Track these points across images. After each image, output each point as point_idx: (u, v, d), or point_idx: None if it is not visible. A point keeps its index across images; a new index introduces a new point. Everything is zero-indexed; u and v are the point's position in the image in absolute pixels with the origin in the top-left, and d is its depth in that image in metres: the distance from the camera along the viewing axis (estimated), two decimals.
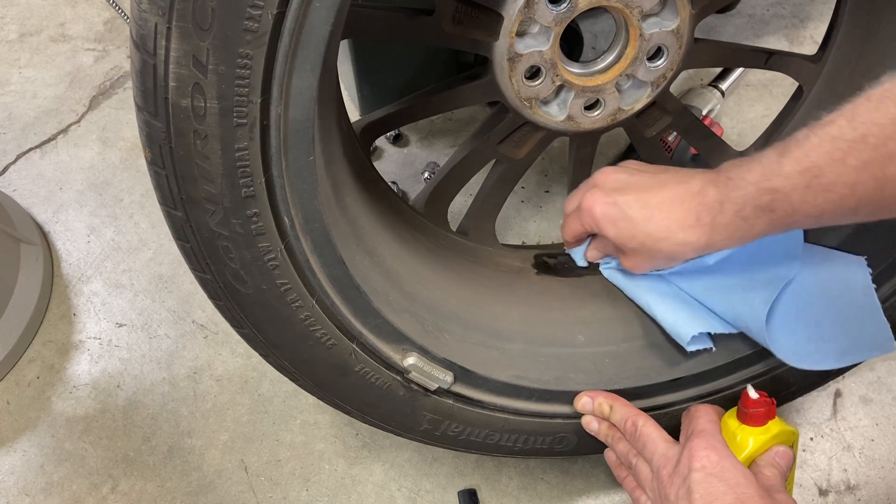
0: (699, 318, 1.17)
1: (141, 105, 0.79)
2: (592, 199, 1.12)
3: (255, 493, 1.43)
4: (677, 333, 1.17)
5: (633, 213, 1.07)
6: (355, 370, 1.08)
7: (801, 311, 1.13)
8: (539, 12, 1.03)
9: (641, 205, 1.07)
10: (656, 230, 1.05)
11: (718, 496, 0.96)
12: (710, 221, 0.98)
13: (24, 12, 2.31)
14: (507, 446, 1.22)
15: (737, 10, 2.14)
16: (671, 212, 1.03)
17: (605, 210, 1.10)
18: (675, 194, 1.03)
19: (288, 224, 0.90)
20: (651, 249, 1.07)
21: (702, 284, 1.17)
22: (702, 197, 0.99)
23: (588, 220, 1.14)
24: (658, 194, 1.06)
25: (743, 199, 0.93)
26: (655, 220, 1.05)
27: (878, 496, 1.39)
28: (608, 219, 1.10)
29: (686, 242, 1.02)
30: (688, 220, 1.01)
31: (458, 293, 1.25)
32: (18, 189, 1.88)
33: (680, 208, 1.02)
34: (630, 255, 1.13)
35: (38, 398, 1.56)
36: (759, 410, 1.07)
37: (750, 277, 1.13)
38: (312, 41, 0.78)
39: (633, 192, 1.09)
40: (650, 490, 1.09)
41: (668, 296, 1.19)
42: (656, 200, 1.05)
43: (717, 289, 1.16)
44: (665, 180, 1.08)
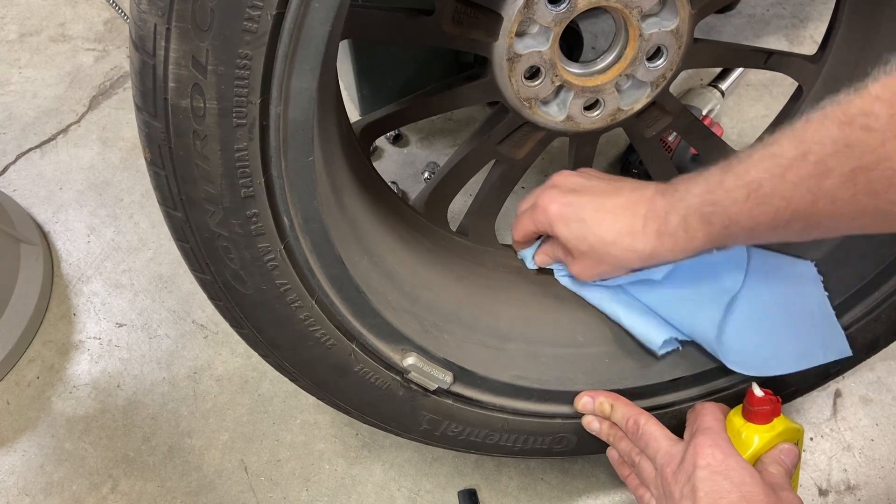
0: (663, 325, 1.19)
1: (140, 105, 0.79)
2: (548, 198, 1.15)
3: (255, 493, 1.43)
4: (647, 339, 1.20)
5: (586, 215, 1.10)
6: (355, 370, 1.08)
7: (754, 320, 1.15)
8: (538, 12, 1.03)
9: (595, 207, 1.09)
10: (606, 234, 1.07)
11: (723, 494, 0.96)
12: (656, 230, 1.01)
13: (24, 12, 2.31)
14: (507, 446, 1.22)
15: (737, 10, 2.14)
16: (622, 217, 1.06)
17: (560, 209, 1.12)
18: (628, 200, 1.07)
19: (287, 224, 0.90)
20: (600, 253, 1.09)
21: (653, 296, 1.19)
22: (650, 204, 1.03)
23: (542, 218, 1.15)
24: (611, 199, 1.09)
25: (686, 210, 0.97)
26: (606, 224, 1.07)
27: (878, 496, 1.39)
28: (562, 218, 1.12)
29: (632, 249, 1.05)
30: (635, 227, 1.04)
31: (458, 293, 1.25)
32: (18, 189, 1.88)
33: (630, 214, 1.05)
34: (578, 259, 1.15)
35: (38, 398, 1.56)
36: (764, 408, 1.07)
37: (696, 291, 1.16)
38: (312, 42, 0.78)
39: (589, 194, 1.12)
40: (654, 488, 1.09)
41: (628, 304, 1.21)
42: (610, 205, 1.08)
43: (667, 301, 1.18)
44: (620, 187, 1.11)
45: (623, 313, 1.21)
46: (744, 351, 1.15)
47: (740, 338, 1.15)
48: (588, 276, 1.17)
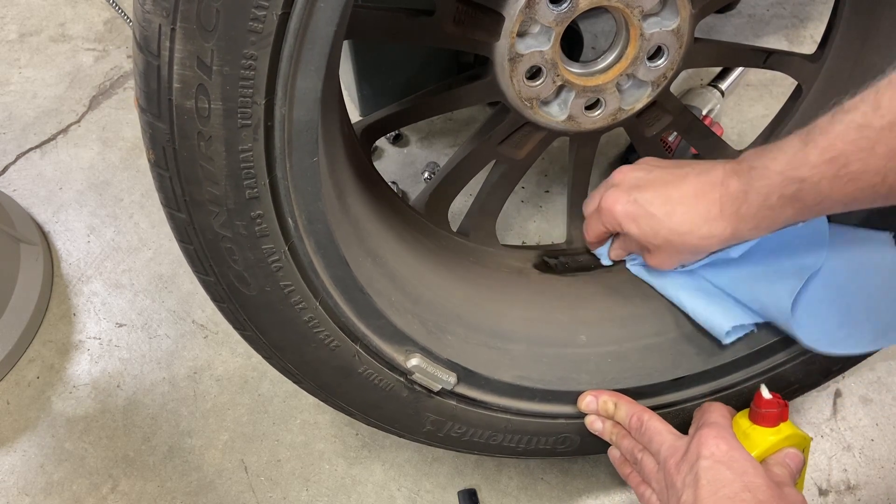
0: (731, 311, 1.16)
1: (144, 107, 0.79)
2: (612, 199, 1.12)
3: (255, 493, 1.43)
4: (712, 327, 1.17)
5: (654, 210, 1.07)
6: (359, 372, 1.08)
7: (830, 297, 1.11)
8: (540, 12, 1.03)
9: (663, 201, 1.07)
10: (679, 225, 1.04)
11: (725, 483, 0.95)
12: (735, 212, 0.98)
13: (24, 12, 2.31)
14: (510, 447, 1.22)
15: (737, 10, 2.15)
16: (693, 205, 1.03)
17: (626, 209, 1.10)
18: (697, 187, 1.03)
19: (292, 225, 0.90)
20: (676, 244, 1.07)
21: (727, 276, 1.15)
22: (724, 188, 0.99)
23: (609, 219, 1.14)
24: (678, 188, 1.05)
25: (768, 189, 0.92)
26: (678, 215, 1.04)
27: (878, 496, 1.40)
28: (630, 217, 1.10)
29: (711, 235, 1.02)
30: (711, 213, 1.01)
31: (460, 294, 1.25)
32: (18, 189, 1.88)
33: (702, 201, 1.02)
34: (655, 253, 1.13)
35: (38, 398, 1.56)
36: (771, 411, 1.07)
37: (776, 268, 1.11)
38: (317, 42, 0.78)
39: (653, 188, 1.09)
40: (655, 482, 1.09)
41: (698, 290, 1.18)
42: (677, 195, 1.05)
43: (742, 279, 1.14)
44: (685, 174, 1.07)
45: (690, 300, 1.19)
46: (819, 328, 1.11)
47: (817, 315, 1.11)
48: (668, 266, 1.15)
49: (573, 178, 1.38)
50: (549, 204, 1.80)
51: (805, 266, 1.10)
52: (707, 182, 1.02)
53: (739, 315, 1.16)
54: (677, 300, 1.21)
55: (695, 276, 1.18)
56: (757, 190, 0.94)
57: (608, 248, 1.26)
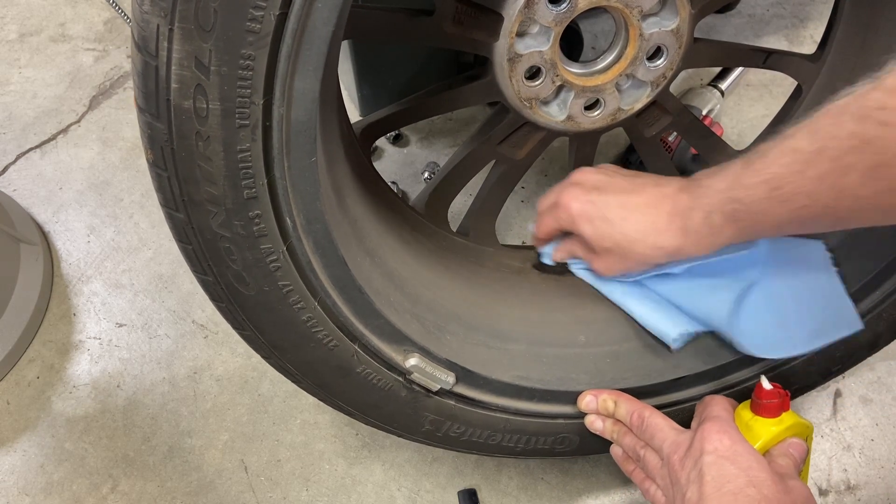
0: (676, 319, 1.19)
1: (143, 106, 0.79)
2: (571, 196, 1.14)
3: (255, 493, 1.43)
4: (661, 333, 1.19)
5: (610, 214, 1.09)
6: (357, 371, 1.08)
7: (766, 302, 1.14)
8: (539, 12, 1.03)
9: (619, 205, 1.09)
10: (631, 231, 1.07)
11: (730, 478, 0.95)
12: (682, 226, 1.01)
13: (24, 12, 2.31)
14: (509, 447, 1.22)
15: (737, 10, 2.15)
16: (646, 214, 1.05)
17: (582, 207, 1.12)
18: (651, 198, 1.06)
19: (290, 225, 0.90)
20: (625, 250, 1.09)
21: (669, 287, 1.18)
22: (674, 202, 1.02)
23: (564, 216, 1.15)
24: (635, 197, 1.08)
25: (710, 207, 0.96)
26: (631, 222, 1.07)
27: (878, 496, 1.40)
28: (585, 216, 1.12)
29: (658, 246, 1.04)
30: (660, 224, 1.03)
31: (460, 294, 1.25)
32: (18, 189, 1.88)
33: (654, 211, 1.04)
34: (602, 257, 1.15)
35: (38, 398, 1.56)
36: (772, 401, 1.07)
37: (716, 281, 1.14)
38: (315, 42, 0.78)
39: (612, 192, 1.11)
40: (660, 478, 1.08)
41: (642, 297, 1.21)
42: (633, 203, 1.08)
43: (683, 291, 1.17)
44: (642, 184, 1.10)
45: (637, 307, 1.21)
46: (758, 334, 1.14)
47: (754, 321, 1.13)
48: (613, 273, 1.16)
49: None
50: None
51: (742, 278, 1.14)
52: (661, 194, 1.05)
53: (684, 322, 1.19)
54: (624, 306, 1.23)
55: (635, 284, 1.20)
56: (701, 207, 0.97)
57: (553, 249, 1.27)
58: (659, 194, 1.05)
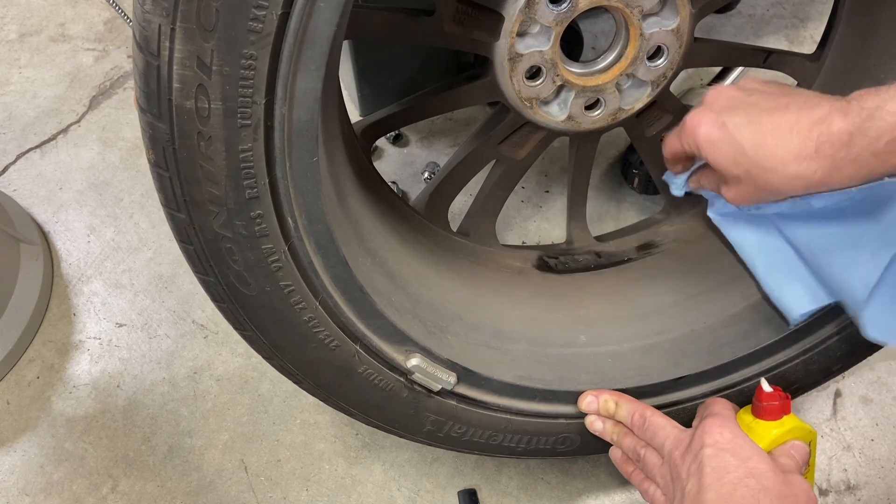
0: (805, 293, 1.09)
1: (144, 107, 0.79)
2: (698, 119, 1.00)
3: (255, 493, 1.43)
4: (784, 306, 1.12)
5: (741, 137, 0.95)
6: (359, 372, 1.08)
7: None
8: (540, 12, 1.03)
9: (753, 129, 0.94)
10: (766, 159, 0.93)
11: (730, 469, 0.95)
12: (832, 155, 0.87)
13: (24, 12, 2.31)
14: (510, 447, 1.22)
15: (737, 10, 2.15)
16: (787, 139, 0.91)
17: (709, 131, 0.98)
18: (795, 120, 0.91)
19: (292, 225, 0.90)
20: (757, 180, 0.95)
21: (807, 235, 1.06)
22: (826, 126, 0.88)
23: (689, 140, 1.02)
24: (774, 118, 0.93)
25: (878, 132, 0.83)
26: (767, 148, 0.92)
27: (878, 496, 1.40)
28: (710, 141, 0.98)
29: (799, 176, 0.91)
30: (804, 151, 0.89)
31: (460, 294, 1.25)
32: (18, 189, 1.88)
33: (798, 136, 0.90)
34: (732, 185, 1.01)
35: (38, 398, 1.56)
36: (773, 404, 1.06)
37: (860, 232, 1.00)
38: (317, 41, 0.78)
39: (746, 112, 0.96)
40: (660, 477, 1.08)
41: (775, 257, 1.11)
42: (771, 125, 0.93)
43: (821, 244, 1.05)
44: (786, 103, 0.94)
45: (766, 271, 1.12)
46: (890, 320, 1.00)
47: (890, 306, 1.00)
48: (744, 202, 1.02)
49: (573, 178, 1.38)
50: (549, 204, 1.81)
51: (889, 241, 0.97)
52: (808, 117, 0.90)
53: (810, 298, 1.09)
54: (753, 265, 1.14)
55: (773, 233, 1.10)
56: (864, 131, 0.84)
57: (685, 179, 1.17)
58: (806, 117, 0.90)
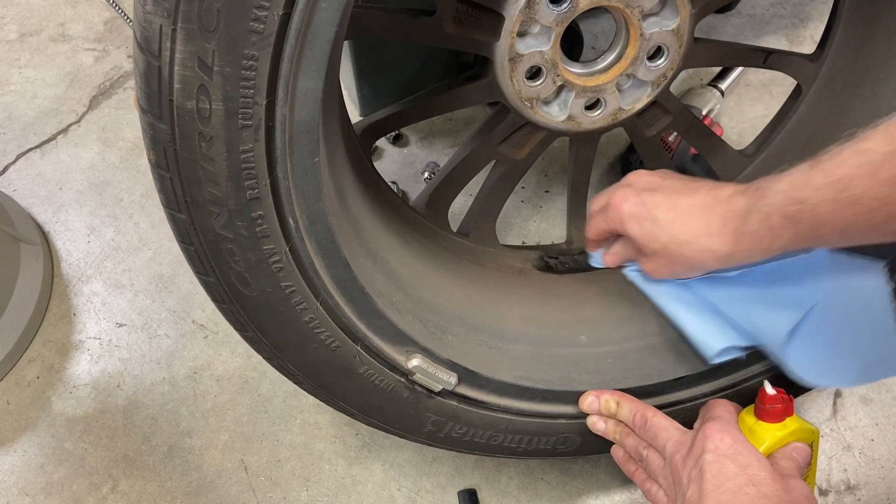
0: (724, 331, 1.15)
1: (145, 107, 0.79)
2: (622, 197, 1.11)
3: (255, 493, 1.43)
4: (703, 343, 1.16)
5: (659, 214, 1.06)
6: (359, 372, 1.08)
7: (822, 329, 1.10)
8: (540, 12, 1.04)
9: (669, 207, 1.05)
10: (680, 234, 1.03)
11: (730, 476, 0.95)
12: (735, 230, 0.97)
13: (24, 12, 2.31)
14: (511, 447, 1.22)
15: (737, 10, 2.15)
16: (698, 217, 1.02)
17: (632, 209, 1.09)
18: (704, 200, 1.02)
19: (293, 226, 0.90)
20: (673, 253, 1.05)
21: (723, 293, 1.13)
22: (730, 204, 0.98)
23: (614, 217, 1.12)
24: (687, 199, 1.05)
25: (770, 208, 0.91)
26: (681, 224, 1.04)
27: (878, 496, 1.40)
28: (634, 217, 1.09)
29: (709, 249, 1.01)
30: (712, 227, 1.00)
31: (461, 294, 1.25)
32: (18, 189, 1.88)
33: (707, 214, 1.01)
34: (651, 258, 1.11)
35: (38, 398, 1.56)
36: (776, 406, 1.06)
37: (773, 293, 1.10)
38: (318, 42, 0.78)
39: (664, 193, 1.08)
40: (662, 478, 1.09)
41: (692, 304, 1.17)
42: (685, 204, 1.04)
43: (738, 300, 1.13)
44: (696, 187, 1.06)
45: (684, 314, 1.18)
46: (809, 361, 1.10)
47: (808, 348, 1.10)
48: (661, 275, 1.13)
49: (573, 178, 1.38)
50: (549, 204, 1.81)
51: (803, 297, 1.09)
52: (715, 197, 1.01)
53: (732, 336, 1.15)
54: (670, 312, 1.20)
55: (689, 288, 1.17)
56: (759, 209, 0.93)
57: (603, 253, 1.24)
58: (713, 197, 1.02)
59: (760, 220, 0.93)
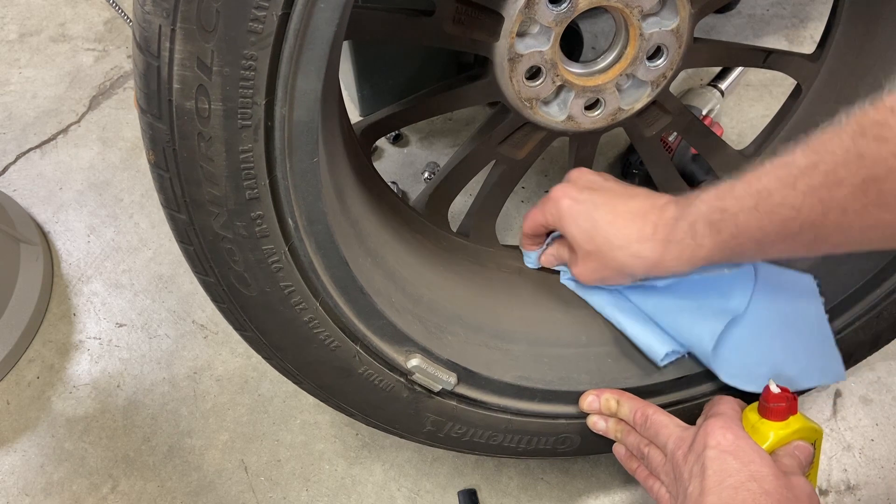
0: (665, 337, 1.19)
1: (145, 107, 0.79)
2: (562, 192, 1.14)
3: (255, 493, 1.43)
4: (648, 349, 1.20)
5: (597, 216, 1.09)
6: (359, 372, 1.07)
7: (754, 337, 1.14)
8: (539, 12, 1.04)
9: (608, 209, 1.09)
10: (615, 237, 1.07)
11: (732, 473, 0.95)
12: (664, 237, 1.01)
13: (24, 12, 2.31)
14: (511, 447, 1.22)
15: (737, 10, 2.15)
16: (632, 222, 1.05)
17: (571, 205, 1.12)
18: (641, 206, 1.07)
19: (292, 226, 0.90)
20: (605, 256, 1.09)
21: (652, 303, 1.18)
22: (662, 212, 1.03)
23: (552, 211, 1.15)
24: (625, 203, 1.08)
25: (695, 216, 0.96)
26: (616, 227, 1.07)
27: (878, 496, 1.39)
28: (572, 214, 1.12)
29: (639, 255, 1.04)
30: (644, 233, 1.03)
31: (460, 294, 1.25)
32: (18, 189, 1.88)
33: (641, 220, 1.05)
34: (582, 261, 1.14)
35: (38, 398, 1.56)
36: (780, 405, 1.06)
37: (699, 304, 1.14)
38: (317, 42, 0.77)
39: (604, 195, 1.12)
40: (664, 475, 1.08)
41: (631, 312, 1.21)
42: (622, 208, 1.08)
43: (667, 310, 1.17)
44: (635, 193, 1.11)
45: (626, 321, 1.21)
46: (740, 367, 1.15)
47: (738, 354, 1.15)
48: (589, 280, 1.17)
49: None
50: None
51: (728, 309, 1.13)
52: (651, 204, 1.06)
53: (672, 341, 1.19)
54: (612, 319, 1.23)
55: (622, 298, 1.20)
56: (686, 216, 0.98)
57: (539, 253, 1.29)
58: (649, 204, 1.06)
59: (686, 228, 0.98)
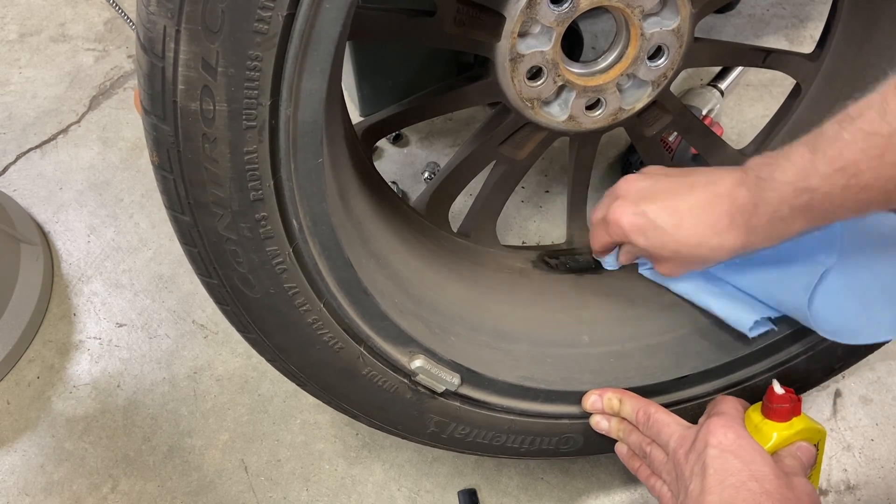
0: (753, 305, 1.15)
1: (149, 108, 0.79)
2: (619, 211, 1.09)
3: (255, 493, 1.43)
4: (738, 322, 1.16)
5: (662, 222, 1.04)
6: (363, 374, 1.07)
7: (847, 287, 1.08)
8: (541, 13, 1.04)
9: (670, 213, 1.04)
10: (688, 237, 1.02)
11: (733, 472, 0.95)
12: (745, 224, 0.95)
13: (24, 12, 2.31)
14: (514, 448, 1.22)
15: (737, 10, 2.15)
16: (702, 217, 1.00)
17: (632, 220, 1.07)
18: (704, 198, 1.00)
19: (296, 227, 0.90)
20: (685, 256, 1.04)
21: (741, 275, 1.14)
22: (732, 199, 0.96)
23: (616, 231, 1.11)
24: (686, 200, 1.03)
25: (779, 200, 0.89)
26: (686, 227, 1.02)
27: (878, 496, 1.40)
28: (637, 230, 1.07)
29: (721, 246, 0.99)
30: (720, 224, 0.98)
31: (463, 295, 1.25)
32: (18, 189, 1.88)
33: (711, 213, 0.99)
34: (664, 263, 1.10)
35: (38, 398, 1.56)
36: (783, 406, 1.06)
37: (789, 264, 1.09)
38: (322, 42, 0.78)
39: (660, 199, 1.06)
40: (666, 473, 1.08)
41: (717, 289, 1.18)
42: (685, 206, 1.02)
43: (757, 279, 1.13)
44: (691, 184, 1.04)
45: (711, 300, 1.18)
46: (838, 320, 1.08)
47: (834, 306, 1.08)
48: (677, 274, 1.13)
49: (573, 178, 1.38)
50: (549, 204, 1.81)
51: (818, 262, 1.08)
52: (715, 193, 0.99)
53: (761, 309, 1.15)
54: (697, 299, 1.20)
55: (706, 276, 1.17)
56: (767, 202, 0.91)
57: (615, 257, 1.25)
58: (713, 193, 0.99)
59: (770, 213, 0.91)
